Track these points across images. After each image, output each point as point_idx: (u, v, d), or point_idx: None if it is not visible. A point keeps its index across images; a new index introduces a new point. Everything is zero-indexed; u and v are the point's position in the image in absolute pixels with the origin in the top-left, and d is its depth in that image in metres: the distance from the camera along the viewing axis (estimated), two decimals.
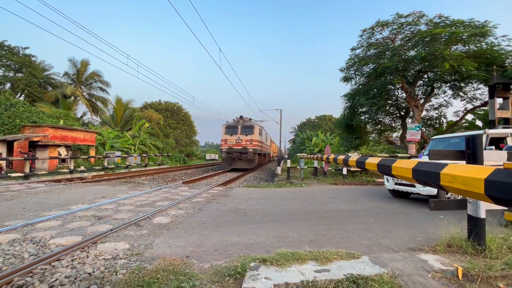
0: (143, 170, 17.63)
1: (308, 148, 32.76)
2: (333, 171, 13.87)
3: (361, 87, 17.18)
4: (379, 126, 19.69)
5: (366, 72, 16.81)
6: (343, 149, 20.06)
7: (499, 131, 6.62)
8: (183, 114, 44.72)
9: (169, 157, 29.84)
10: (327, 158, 5.56)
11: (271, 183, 11.87)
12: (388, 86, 16.31)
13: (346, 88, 54.71)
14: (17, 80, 25.31)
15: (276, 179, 13.50)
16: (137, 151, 26.31)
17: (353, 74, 17.62)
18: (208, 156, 48.05)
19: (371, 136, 20.48)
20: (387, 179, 7.38)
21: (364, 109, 17.58)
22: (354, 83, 18.20)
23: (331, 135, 32.95)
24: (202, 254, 3.25)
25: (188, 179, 12.48)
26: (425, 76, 15.73)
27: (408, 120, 16.99)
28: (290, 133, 74.08)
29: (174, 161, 30.47)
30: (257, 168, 22.73)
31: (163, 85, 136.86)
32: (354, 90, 17.95)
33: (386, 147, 15.57)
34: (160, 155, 26.31)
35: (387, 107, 18.02)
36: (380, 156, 9.77)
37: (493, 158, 2.97)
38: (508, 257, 2.63)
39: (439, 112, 18.25)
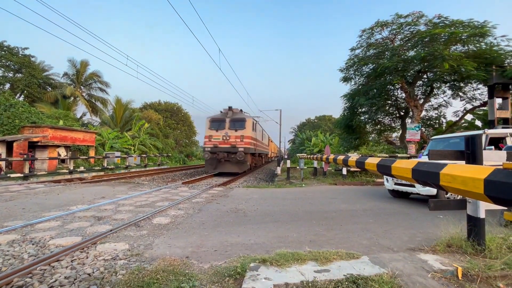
0: (143, 171, 17.61)
1: (308, 149, 32.77)
2: (333, 171, 13.88)
3: (361, 87, 17.19)
4: (379, 126, 19.71)
5: (366, 73, 16.82)
6: (343, 149, 20.06)
7: (499, 131, 6.64)
8: (183, 115, 44.73)
9: (169, 158, 29.85)
10: (327, 158, 5.57)
11: (271, 184, 11.86)
12: (388, 86, 16.32)
13: (346, 88, 54.74)
14: (17, 81, 25.30)
15: (276, 180, 13.49)
16: (137, 152, 26.32)
17: (353, 75, 17.65)
18: None
19: (371, 136, 20.49)
20: (387, 179, 7.38)
21: (364, 109, 17.60)
22: (354, 83, 18.26)
23: (331, 135, 32.94)
24: (202, 255, 3.25)
25: (188, 180, 12.48)
26: (425, 76, 15.74)
27: (408, 120, 17.00)
28: (290, 133, 74.17)
29: (174, 162, 30.46)
30: (250, 172, 18.68)
31: (163, 86, 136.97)
32: (354, 90, 17.97)
33: (386, 147, 15.57)
34: (160, 156, 26.31)
35: (387, 107, 18.03)
36: (380, 156, 9.76)
37: (493, 158, 2.98)
38: (508, 257, 2.63)
39: (439, 112, 18.29)
